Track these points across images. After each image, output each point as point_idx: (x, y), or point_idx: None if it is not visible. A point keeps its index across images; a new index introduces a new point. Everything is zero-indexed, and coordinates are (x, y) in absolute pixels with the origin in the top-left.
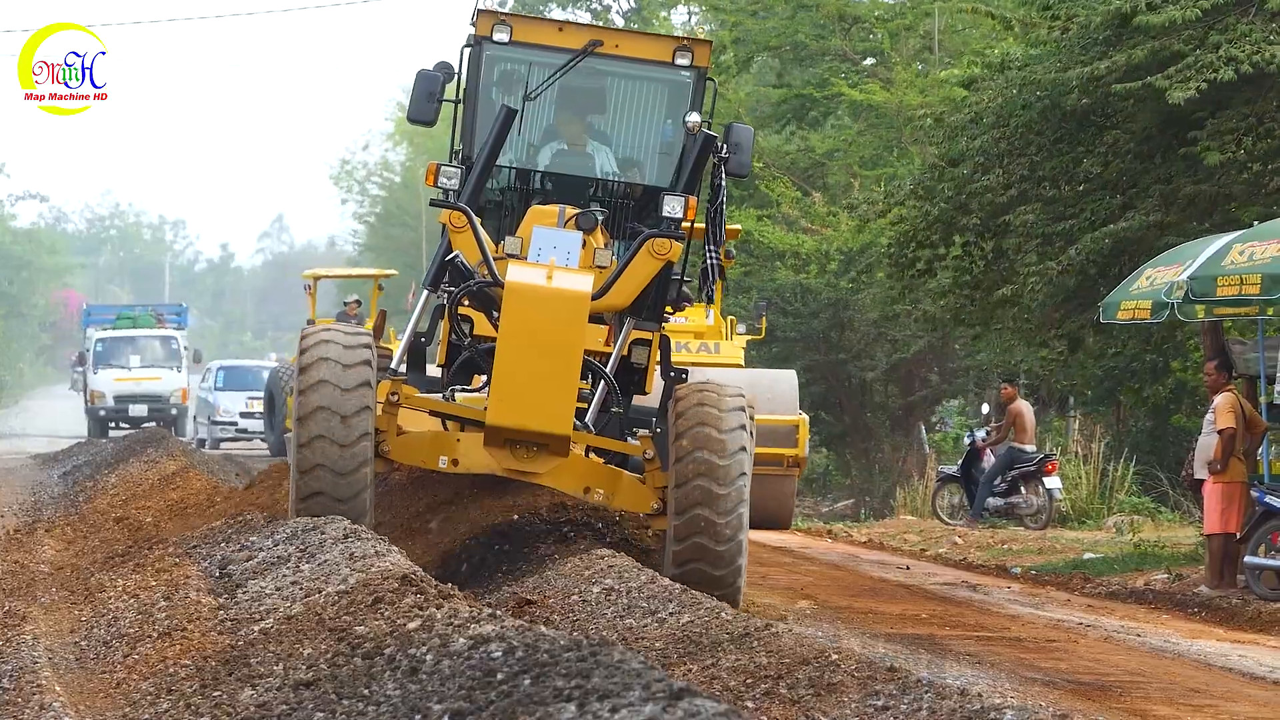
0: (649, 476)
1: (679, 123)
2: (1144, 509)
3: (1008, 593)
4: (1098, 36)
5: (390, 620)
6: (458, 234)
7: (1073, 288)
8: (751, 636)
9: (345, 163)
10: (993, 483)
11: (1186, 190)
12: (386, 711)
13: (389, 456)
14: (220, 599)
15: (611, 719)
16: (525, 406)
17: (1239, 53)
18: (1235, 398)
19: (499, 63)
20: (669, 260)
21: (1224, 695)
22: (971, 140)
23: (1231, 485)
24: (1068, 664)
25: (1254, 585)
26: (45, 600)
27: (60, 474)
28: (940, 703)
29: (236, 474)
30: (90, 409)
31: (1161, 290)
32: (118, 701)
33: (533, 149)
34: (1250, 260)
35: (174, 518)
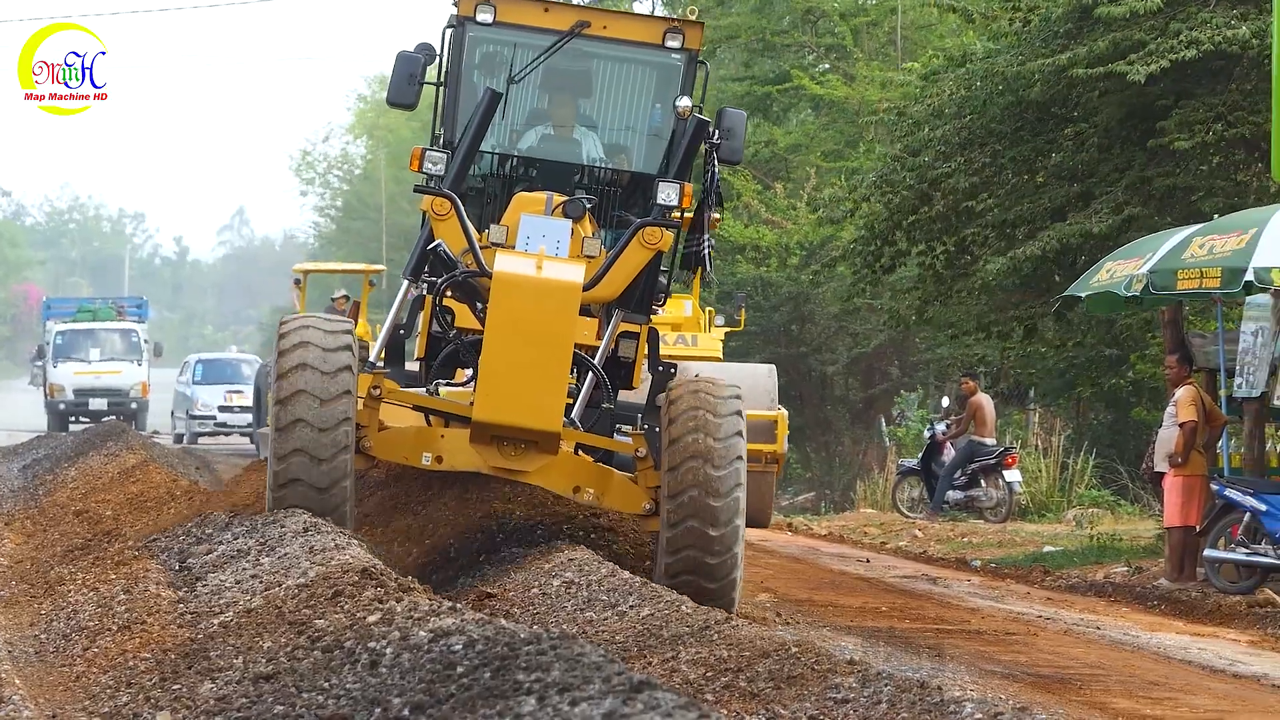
0: (641, 476)
1: (669, 107)
2: (1104, 502)
3: (967, 586)
4: (1059, 29)
5: (350, 614)
6: (440, 222)
7: (1029, 273)
8: (711, 630)
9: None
10: (953, 476)
11: (1156, 182)
12: (347, 704)
13: (370, 453)
14: (180, 592)
15: (572, 712)
16: (513, 402)
17: (1201, 35)
18: (1196, 391)
19: (482, 44)
20: (659, 250)
21: (1183, 688)
22: (933, 131)
23: (1192, 478)
24: (1027, 657)
25: (1213, 578)
26: (4, 594)
27: (19, 467)
28: (900, 695)
29: (196, 467)
30: (50, 402)
31: (1122, 283)
32: (77, 694)
33: (516, 134)
34: (1210, 254)
35: (134, 511)
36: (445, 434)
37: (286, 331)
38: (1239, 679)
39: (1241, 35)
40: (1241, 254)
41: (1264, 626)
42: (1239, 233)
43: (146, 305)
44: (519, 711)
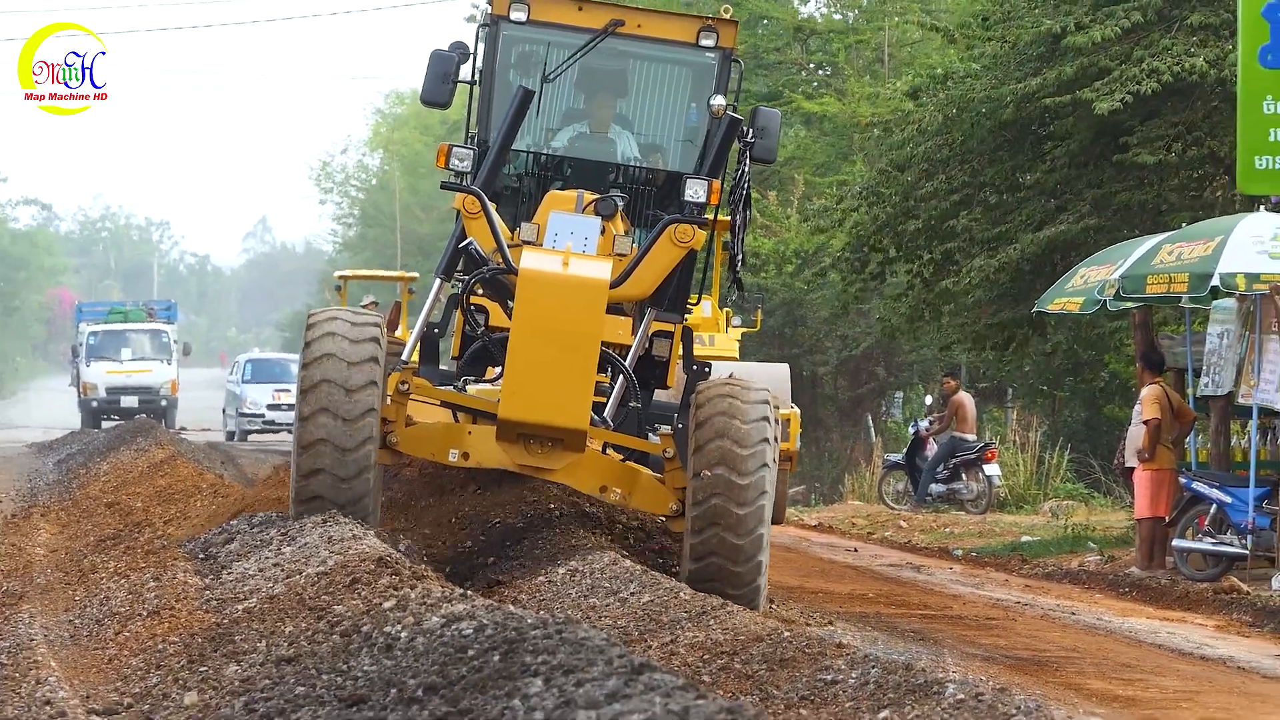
0: (669, 476)
1: (703, 106)
2: (1078, 494)
3: (950, 573)
4: (1031, 53)
5: (367, 600)
6: (472, 220)
7: (1008, 284)
8: (708, 615)
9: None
10: (935, 470)
11: (1121, 197)
12: (364, 685)
13: (397, 448)
14: (206, 580)
15: (576, 692)
16: (539, 400)
17: (1160, 65)
18: (1161, 390)
19: (516, 43)
20: (692, 248)
21: (1154, 670)
22: (916, 148)
23: (1160, 472)
24: (1006, 640)
25: (1182, 566)
26: (41, 581)
27: (55, 462)
28: (887, 676)
29: (221, 462)
30: (83, 400)
31: (1095, 288)
32: (109, 676)
33: (551, 133)
34: (1179, 260)
35: (162, 503)
36: (473, 431)
37: (314, 323)
38: (1206, 661)
39: (1199, 65)
40: (1208, 260)
41: (1229, 612)
42: (1205, 240)
43: (175, 308)
44: (526, 692)
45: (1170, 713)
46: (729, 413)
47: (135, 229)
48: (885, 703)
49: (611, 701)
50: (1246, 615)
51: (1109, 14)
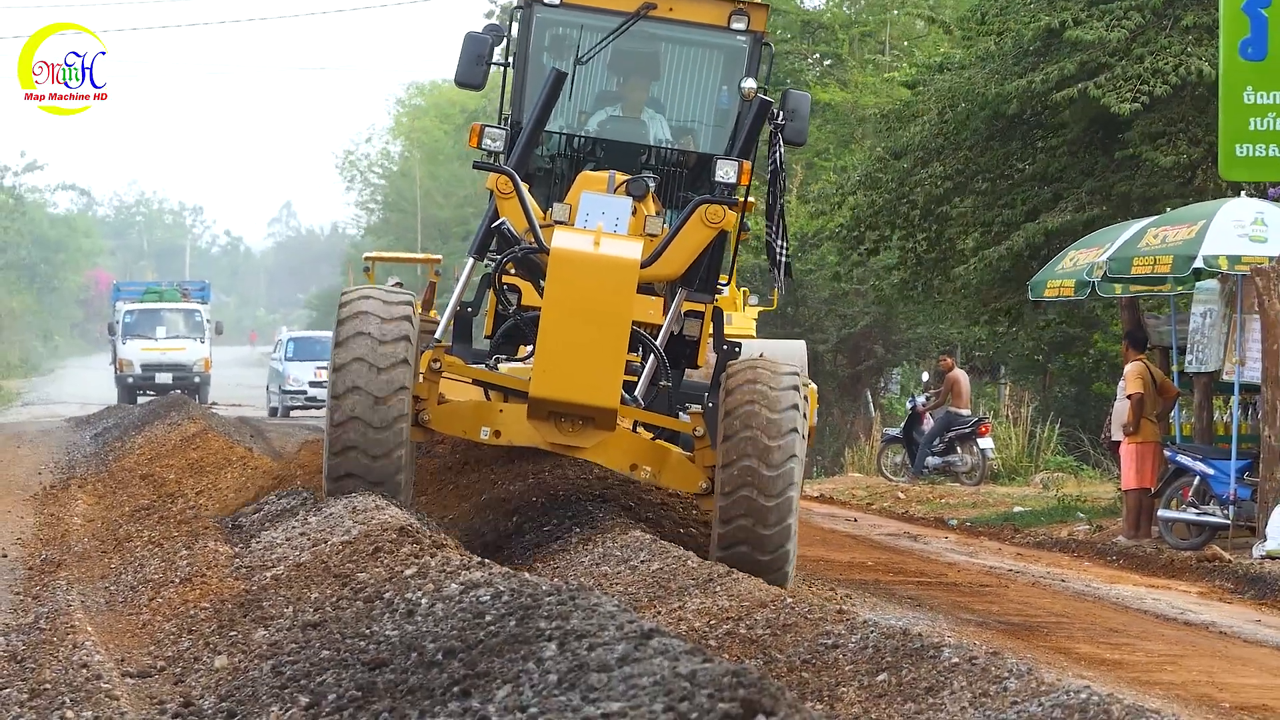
0: (698, 455)
1: (734, 89)
2: (1067, 467)
3: (945, 542)
4: (1029, 48)
5: (389, 568)
6: (504, 200)
7: (1007, 269)
8: (714, 582)
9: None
10: (932, 443)
11: (1119, 187)
12: (386, 649)
13: (429, 425)
14: (235, 548)
15: (589, 656)
16: (570, 378)
17: (1165, 66)
18: (1143, 366)
19: (550, 26)
20: (723, 229)
21: (1139, 634)
22: (913, 135)
23: (1144, 445)
24: (999, 606)
25: (1166, 535)
26: (78, 549)
27: (91, 435)
28: (885, 641)
29: (250, 435)
30: (119, 376)
31: (1084, 270)
32: (143, 641)
33: (584, 115)
34: (1163, 243)
35: (194, 475)
36: (504, 409)
37: (346, 302)
38: (1189, 626)
39: (1202, 68)
40: (1191, 243)
41: (1212, 579)
42: (1189, 224)
43: (208, 288)
44: (541, 656)
45: (1155, 675)
46: (759, 381)
47: (168, 213)
48: (883, 666)
49: (622, 665)
50: (1228, 582)
51: (1106, 10)
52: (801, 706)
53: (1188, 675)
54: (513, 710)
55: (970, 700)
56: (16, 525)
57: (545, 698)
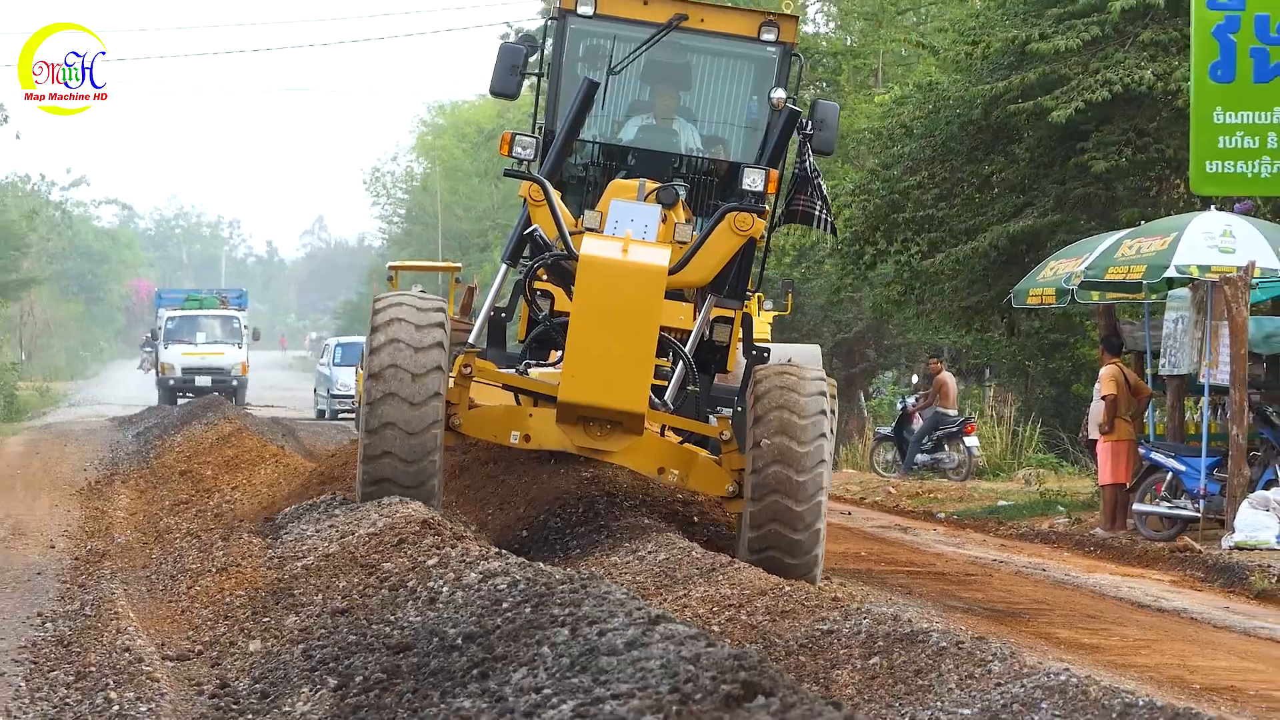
0: (726, 458)
1: (764, 99)
2: (1048, 464)
3: (933, 534)
4: (1001, 61)
5: (412, 558)
6: (536, 207)
7: (980, 270)
8: (717, 571)
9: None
10: (921, 442)
11: (1077, 193)
12: (409, 634)
13: (460, 430)
14: (268, 540)
15: (599, 641)
16: (598, 383)
17: (1114, 76)
18: (1117, 369)
19: (583, 36)
20: (751, 236)
21: (1115, 620)
22: (902, 148)
23: (1119, 443)
24: (984, 594)
25: (1141, 527)
26: (121, 541)
27: (134, 434)
28: (877, 626)
29: (283, 434)
30: (161, 379)
31: (1063, 279)
32: (182, 626)
33: (618, 124)
34: (1138, 253)
35: (229, 471)
36: (534, 413)
37: (380, 309)
38: (1162, 613)
39: (1147, 78)
40: (1164, 254)
41: (1183, 569)
42: (1162, 236)
43: (246, 296)
44: (554, 640)
45: (1130, 658)
46: (787, 387)
47: (205, 226)
48: (876, 650)
49: (630, 649)
50: (1199, 571)
51: (1070, 26)
52: (798, 688)
53: (1161, 658)
54: (528, 691)
55: (957, 682)
56: (64, 518)
57: (558, 679)
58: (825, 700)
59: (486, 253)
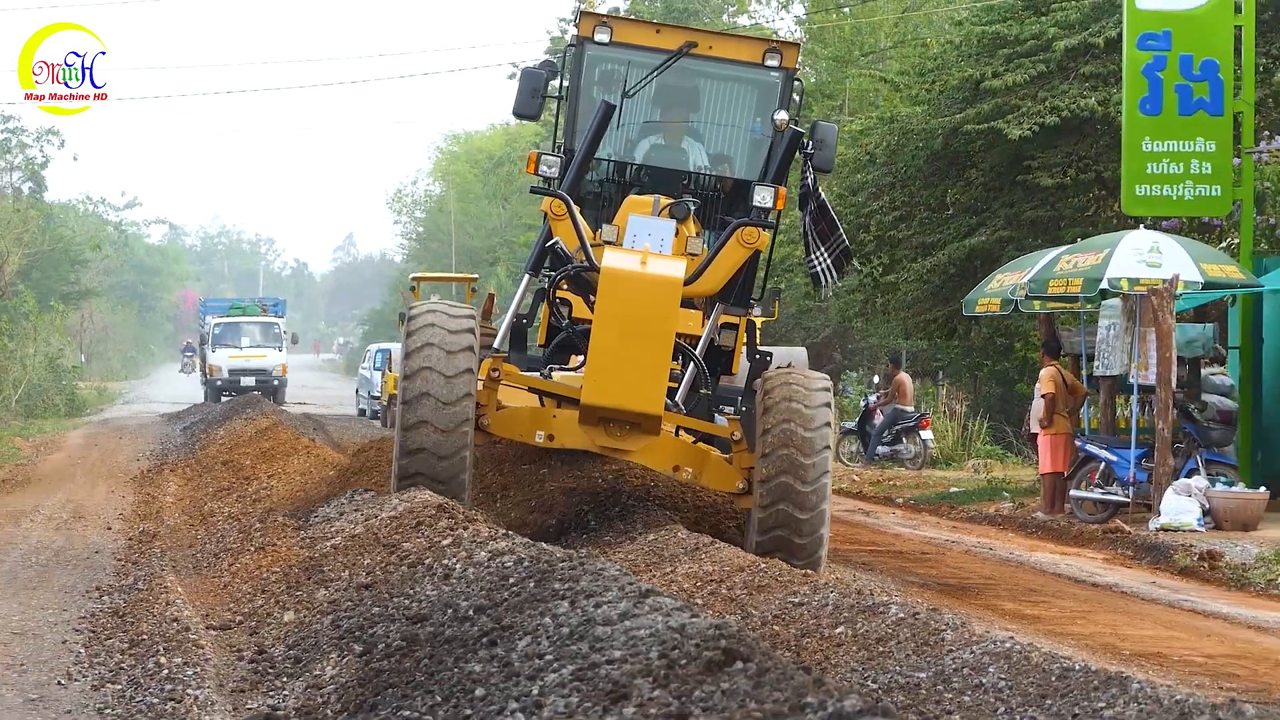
0: (736, 457)
1: (768, 120)
2: (995, 454)
3: (893, 517)
4: (958, 96)
5: (429, 538)
6: (558, 221)
7: (938, 284)
8: (701, 551)
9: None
10: (882, 435)
11: (1027, 214)
12: (426, 606)
13: (488, 430)
14: (300, 522)
15: (595, 612)
16: (619, 387)
17: (1060, 104)
18: (1056, 371)
19: (599, 62)
20: (757, 249)
21: (1054, 594)
22: (866, 175)
23: (1058, 436)
24: (938, 570)
25: (1077, 511)
26: (170, 523)
27: (181, 429)
28: (842, 599)
29: (314, 428)
30: (209, 380)
31: (1009, 290)
32: (224, 599)
33: (630, 143)
34: (1075, 267)
35: (266, 461)
36: (557, 414)
37: (415, 315)
38: (1096, 587)
39: (1090, 105)
40: (1098, 268)
41: (1115, 548)
42: (1096, 252)
43: (284, 304)
44: (555, 611)
45: (1067, 627)
46: (794, 399)
47: (246, 243)
48: (841, 620)
49: (623, 619)
50: (1129, 550)
51: (1018, 64)
52: (772, 654)
53: (1095, 628)
54: (532, 658)
55: (914, 649)
56: (119, 503)
57: (559, 647)
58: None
59: (495, 266)
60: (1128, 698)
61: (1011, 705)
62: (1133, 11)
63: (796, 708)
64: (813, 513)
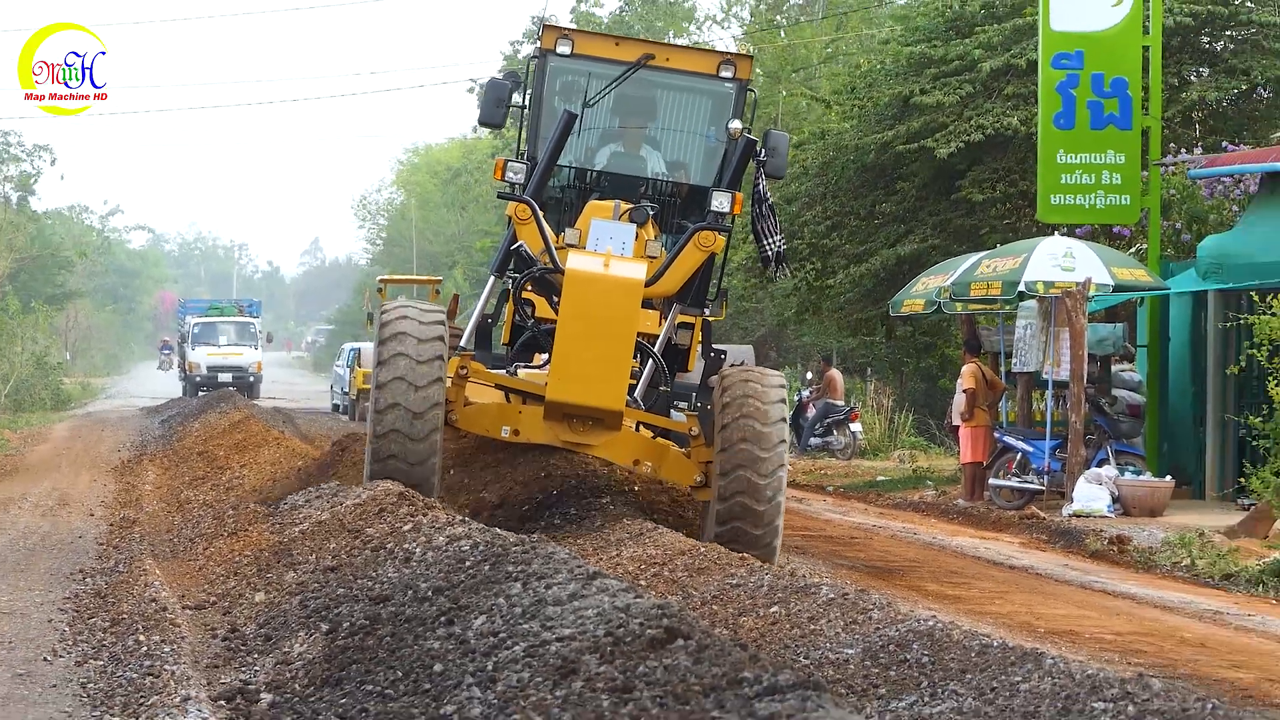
0: (694, 452)
1: (722, 129)
2: (919, 445)
3: (824, 504)
4: (887, 113)
5: (391, 524)
6: (522, 225)
7: (870, 288)
8: (644, 535)
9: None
10: (814, 427)
11: (954, 223)
12: (388, 587)
13: (456, 425)
14: (271, 509)
15: (546, 593)
16: (582, 384)
17: (985, 122)
18: (977, 367)
19: (561, 73)
20: (713, 251)
21: (974, 575)
22: (799, 187)
23: (978, 428)
24: (865, 554)
25: (996, 499)
26: (149, 509)
27: (159, 422)
28: (777, 581)
29: (283, 421)
30: (188, 376)
31: (932, 292)
32: (199, 581)
33: (591, 151)
34: (994, 271)
35: (239, 452)
36: (523, 410)
37: (388, 313)
38: (1013, 569)
39: (1013, 124)
40: (1016, 271)
41: (1030, 532)
42: (1014, 256)
43: (259, 305)
44: (509, 592)
45: (986, 607)
46: (751, 395)
47: (221, 248)
48: (776, 600)
49: (572, 600)
50: (1043, 535)
51: (945, 83)
52: (711, 632)
53: (1012, 607)
54: (487, 635)
55: (843, 627)
56: (101, 491)
57: (512, 625)
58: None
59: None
60: (1042, 672)
61: (934, 679)
62: (1047, 33)
63: (734, 681)
64: (769, 504)
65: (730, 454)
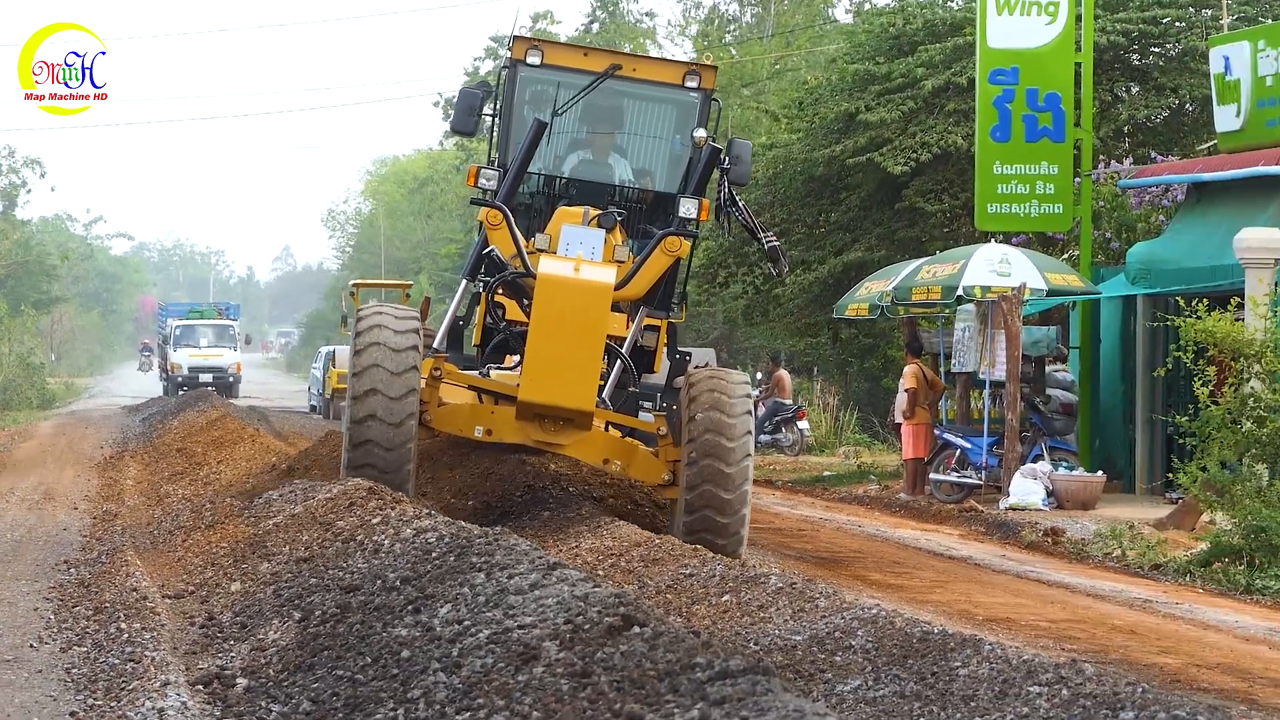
0: (662, 451)
1: (687, 137)
2: (863, 442)
3: (773, 498)
4: (834, 127)
5: (360, 517)
6: (494, 230)
7: (817, 294)
8: (603, 528)
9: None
10: (763, 425)
11: (899, 233)
12: (358, 577)
13: (430, 425)
14: (246, 502)
15: (508, 583)
16: (554, 385)
17: (930, 140)
18: (918, 368)
19: (531, 83)
20: (679, 256)
21: (916, 566)
22: (749, 196)
23: (919, 426)
24: (812, 545)
25: (936, 493)
26: (130, 503)
27: (140, 420)
28: (728, 571)
29: (259, 419)
30: (170, 376)
31: (875, 296)
32: (179, 571)
33: (560, 158)
34: (934, 276)
35: (216, 449)
36: (495, 411)
37: (364, 316)
38: (953, 560)
39: (956, 142)
40: (955, 277)
41: (969, 525)
42: (953, 262)
43: (238, 308)
44: (473, 582)
45: (927, 595)
46: (717, 390)
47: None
48: (727, 589)
49: (534, 589)
50: (981, 527)
51: (890, 100)
52: (665, 620)
53: (951, 595)
54: (452, 623)
55: (791, 615)
56: (84, 485)
57: (476, 613)
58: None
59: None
60: (980, 658)
61: (878, 664)
62: (984, 49)
63: (687, 666)
64: (735, 494)
65: (698, 445)
